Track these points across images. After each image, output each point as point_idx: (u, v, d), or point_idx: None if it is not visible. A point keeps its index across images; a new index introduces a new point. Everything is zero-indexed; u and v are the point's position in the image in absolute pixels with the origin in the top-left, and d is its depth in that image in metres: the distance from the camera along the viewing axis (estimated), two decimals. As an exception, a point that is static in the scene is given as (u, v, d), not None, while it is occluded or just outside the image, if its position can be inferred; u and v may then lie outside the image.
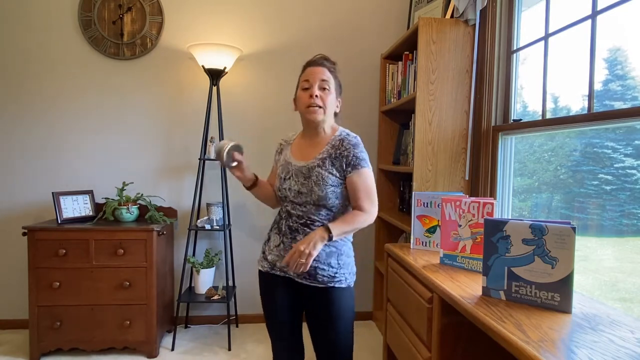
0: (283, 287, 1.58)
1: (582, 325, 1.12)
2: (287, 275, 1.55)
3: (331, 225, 1.40)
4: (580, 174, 1.75)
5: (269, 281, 1.61)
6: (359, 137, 1.54)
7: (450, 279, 1.53)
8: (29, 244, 2.39)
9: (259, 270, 1.66)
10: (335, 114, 1.58)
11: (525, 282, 1.28)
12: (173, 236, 2.92)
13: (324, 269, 1.48)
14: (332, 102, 1.51)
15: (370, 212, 1.49)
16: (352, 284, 1.55)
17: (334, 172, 1.47)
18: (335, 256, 1.50)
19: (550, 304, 1.24)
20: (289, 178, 1.53)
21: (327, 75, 1.50)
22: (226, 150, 1.45)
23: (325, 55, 1.56)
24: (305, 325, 2.74)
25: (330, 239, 1.39)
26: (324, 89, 1.49)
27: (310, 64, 1.53)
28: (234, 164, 1.49)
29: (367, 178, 1.49)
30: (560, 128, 1.74)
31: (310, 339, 2.39)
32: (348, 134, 1.54)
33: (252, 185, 1.59)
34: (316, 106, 1.47)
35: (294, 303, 1.60)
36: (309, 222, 1.49)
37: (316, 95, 1.47)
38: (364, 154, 1.50)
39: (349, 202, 1.53)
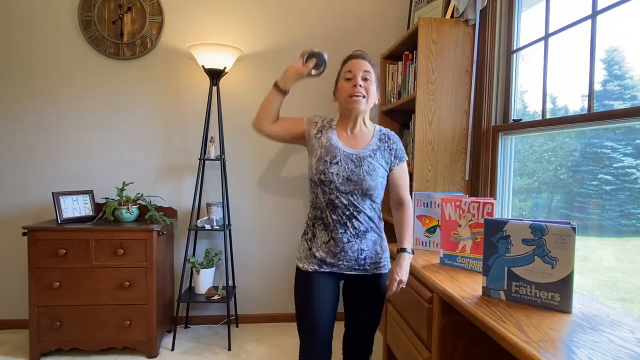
0: (330, 283, 1.54)
1: (582, 325, 1.12)
2: (334, 271, 1.54)
3: (407, 245, 1.53)
4: (580, 174, 1.75)
5: (316, 280, 1.53)
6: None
7: (450, 279, 1.54)
8: (29, 244, 2.39)
9: (302, 270, 1.55)
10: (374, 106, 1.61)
11: (525, 282, 1.28)
12: (173, 236, 2.92)
13: (371, 257, 1.54)
14: (374, 93, 1.54)
15: (410, 201, 1.63)
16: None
17: (383, 164, 1.54)
18: (379, 242, 1.57)
19: (550, 304, 1.24)
20: (336, 163, 1.50)
21: (369, 67, 1.52)
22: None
23: (364, 51, 1.61)
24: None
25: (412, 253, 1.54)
26: (366, 79, 1.51)
27: (352, 57, 1.56)
28: (319, 70, 1.59)
29: (406, 170, 1.62)
30: (560, 128, 1.75)
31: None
32: (388, 130, 1.62)
33: (284, 92, 1.66)
34: (360, 95, 1.49)
35: (336, 298, 1.59)
36: (355, 212, 1.50)
37: (360, 85, 1.49)
38: (402, 146, 1.62)
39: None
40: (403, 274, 1.47)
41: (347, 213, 1.49)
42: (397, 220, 1.60)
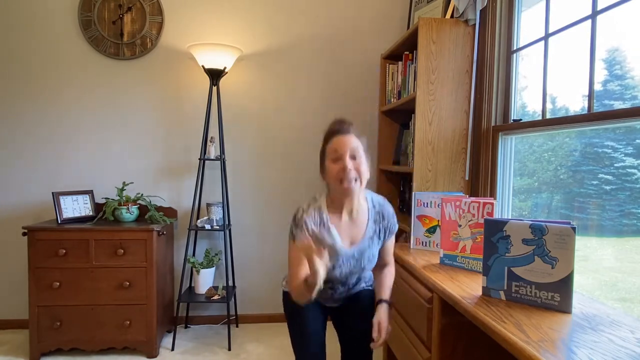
0: (317, 308, 1.59)
1: (582, 325, 1.12)
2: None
3: (386, 297, 1.52)
4: (580, 174, 1.75)
5: (305, 308, 1.56)
6: (385, 200, 1.57)
7: (450, 279, 1.53)
8: (29, 244, 2.39)
9: (288, 293, 1.52)
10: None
11: (525, 282, 1.28)
12: (173, 236, 2.92)
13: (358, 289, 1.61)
14: (366, 170, 1.42)
15: (393, 262, 1.65)
16: None
17: (379, 243, 1.53)
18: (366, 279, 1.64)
19: (550, 304, 1.24)
20: (339, 266, 1.46)
21: (355, 142, 1.40)
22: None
23: (346, 120, 1.47)
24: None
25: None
26: (355, 157, 1.38)
27: (336, 132, 1.42)
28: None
29: (394, 236, 1.60)
30: (560, 128, 1.74)
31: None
32: (380, 203, 1.53)
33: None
34: (352, 179, 1.37)
35: (325, 314, 1.64)
36: (349, 278, 1.53)
37: (350, 168, 1.36)
38: (395, 217, 1.56)
39: None
40: (387, 322, 1.47)
41: (342, 281, 1.53)
42: (379, 276, 1.59)
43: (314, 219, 1.42)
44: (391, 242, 1.59)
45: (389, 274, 1.60)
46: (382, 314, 1.46)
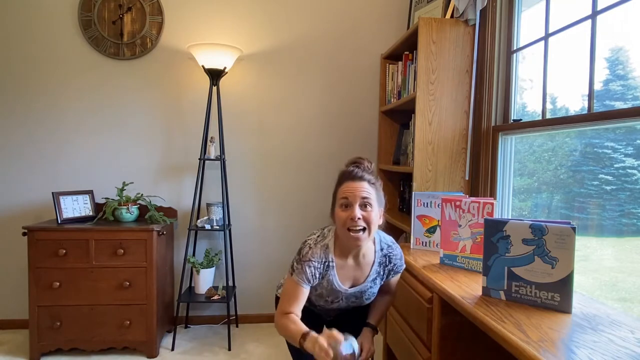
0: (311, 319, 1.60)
1: (582, 325, 1.12)
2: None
3: (375, 323, 1.54)
4: (580, 174, 1.75)
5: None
6: (394, 241, 1.53)
7: (450, 279, 1.53)
8: (29, 244, 2.39)
9: None
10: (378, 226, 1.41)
11: (525, 282, 1.28)
12: (173, 236, 2.92)
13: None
14: (376, 219, 1.35)
15: (395, 292, 1.64)
16: None
17: (381, 282, 1.52)
18: None
19: (550, 304, 1.24)
20: (337, 302, 1.47)
21: (367, 190, 1.33)
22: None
23: (362, 162, 1.41)
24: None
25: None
26: (366, 205, 1.32)
27: (348, 177, 1.35)
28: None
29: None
30: (560, 128, 1.74)
31: None
32: (388, 245, 1.48)
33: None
34: (359, 230, 1.31)
35: (321, 325, 1.62)
36: (346, 311, 1.57)
37: (358, 218, 1.30)
38: (403, 258, 1.53)
39: None
40: (372, 345, 1.48)
41: (338, 312, 1.56)
42: (375, 300, 1.57)
43: (319, 258, 1.37)
44: (395, 279, 1.57)
45: (386, 302, 1.59)
46: (368, 339, 1.49)
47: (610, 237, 1.66)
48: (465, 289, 1.42)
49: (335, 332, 1.20)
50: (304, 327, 1.29)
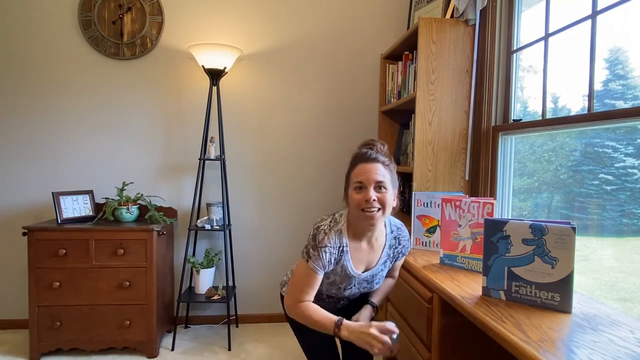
0: None
1: (582, 325, 1.12)
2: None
3: (377, 303, 1.55)
4: (581, 174, 1.75)
5: None
6: (403, 224, 1.55)
7: (450, 279, 1.53)
8: (29, 244, 2.39)
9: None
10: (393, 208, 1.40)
11: (525, 282, 1.28)
12: (173, 236, 2.92)
13: None
14: (391, 201, 1.35)
15: (397, 277, 1.68)
16: None
17: (390, 265, 1.54)
18: None
19: (550, 304, 1.23)
20: (350, 288, 1.47)
21: (382, 172, 1.32)
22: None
23: (375, 143, 1.39)
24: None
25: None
26: (381, 188, 1.31)
27: (362, 159, 1.34)
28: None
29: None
30: (561, 128, 1.74)
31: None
32: (398, 227, 1.51)
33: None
34: (374, 211, 1.30)
35: None
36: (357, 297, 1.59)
37: (373, 200, 1.29)
38: (410, 240, 1.56)
39: None
40: (367, 321, 1.49)
41: (349, 298, 1.55)
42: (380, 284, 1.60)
43: (334, 243, 1.36)
44: (400, 261, 1.60)
45: (389, 284, 1.62)
46: (363, 313, 1.49)
47: (610, 237, 1.66)
48: (465, 289, 1.42)
49: (388, 324, 1.25)
50: (333, 315, 1.31)
